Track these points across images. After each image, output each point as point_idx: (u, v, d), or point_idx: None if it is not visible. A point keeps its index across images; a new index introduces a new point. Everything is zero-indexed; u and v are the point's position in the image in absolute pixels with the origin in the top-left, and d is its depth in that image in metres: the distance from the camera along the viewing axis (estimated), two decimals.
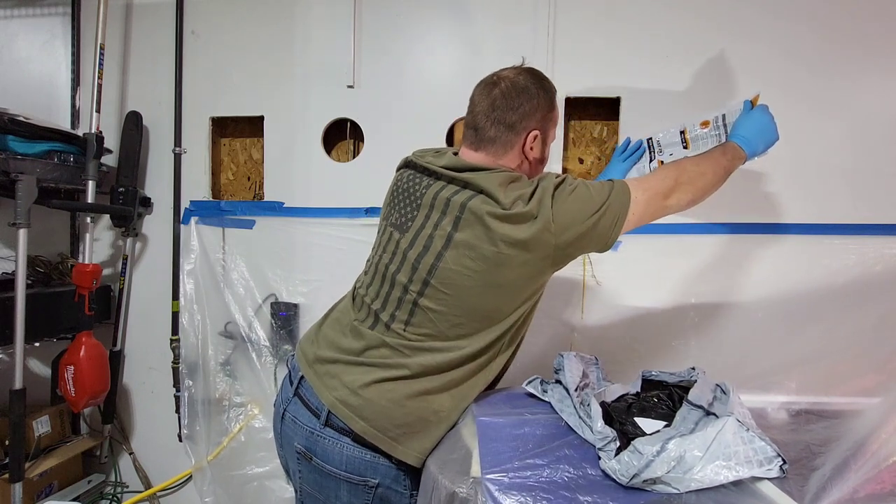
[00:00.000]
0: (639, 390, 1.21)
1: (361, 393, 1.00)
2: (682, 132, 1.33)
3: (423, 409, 1.01)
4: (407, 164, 1.13)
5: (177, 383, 1.78)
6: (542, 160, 1.11)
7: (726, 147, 1.14)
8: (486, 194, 0.95)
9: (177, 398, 1.79)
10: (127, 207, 1.73)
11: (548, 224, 0.94)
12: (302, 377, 1.08)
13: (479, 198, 0.96)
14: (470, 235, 0.96)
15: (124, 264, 1.82)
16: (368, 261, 1.15)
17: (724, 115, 1.27)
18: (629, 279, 1.54)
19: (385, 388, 1.00)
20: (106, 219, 1.85)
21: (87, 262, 1.69)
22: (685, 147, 1.33)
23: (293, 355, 1.16)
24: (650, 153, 1.39)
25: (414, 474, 1.02)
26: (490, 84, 1.06)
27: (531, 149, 1.05)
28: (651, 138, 1.38)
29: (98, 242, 1.86)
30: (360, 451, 0.99)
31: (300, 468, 1.06)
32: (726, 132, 1.26)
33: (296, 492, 1.10)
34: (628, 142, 1.42)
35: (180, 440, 1.78)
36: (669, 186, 1.04)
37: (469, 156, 1.05)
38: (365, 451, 0.99)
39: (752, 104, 1.22)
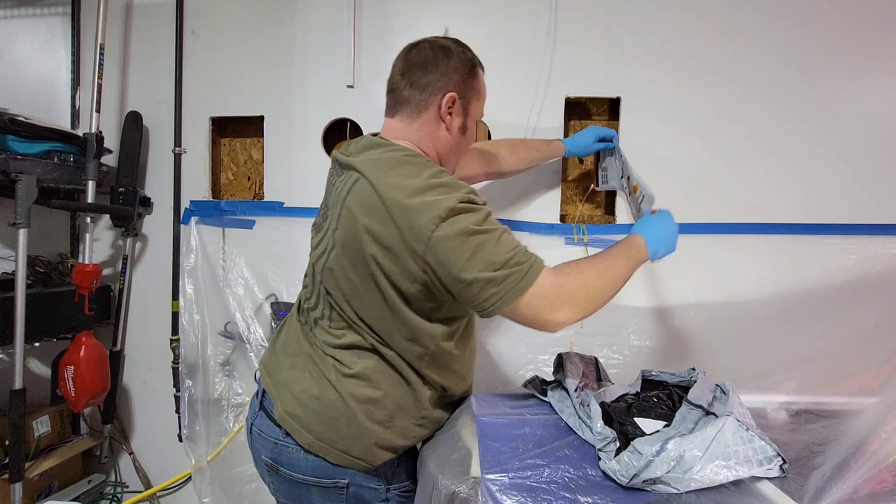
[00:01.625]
0: (639, 390, 1.21)
1: (309, 403, 0.99)
2: (628, 178, 1.40)
3: (364, 414, 0.98)
4: (333, 160, 1.09)
5: (177, 383, 1.78)
6: (464, 131, 1.04)
7: (631, 251, 1.03)
8: (365, 178, 0.91)
9: (177, 398, 1.79)
10: (127, 207, 1.73)
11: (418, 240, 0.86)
12: (264, 390, 1.07)
13: (358, 184, 0.92)
14: (345, 230, 0.93)
15: (124, 264, 1.82)
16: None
17: (643, 196, 1.31)
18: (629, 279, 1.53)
19: (327, 394, 0.99)
20: (106, 219, 1.85)
21: (87, 262, 1.69)
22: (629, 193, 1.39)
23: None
24: (621, 168, 1.43)
25: (388, 465, 1.02)
26: (409, 46, 1.02)
27: (449, 114, 1.00)
28: (623, 158, 1.42)
29: (98, 242, 1.86)
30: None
31: (271, 480, 1.06)
32: (638, 212, 1.32)
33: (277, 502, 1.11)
34: (613, 137, 1.43)
35: (180, 440, 1.78)
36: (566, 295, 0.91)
37: (385, 125, 1.03)
38: None
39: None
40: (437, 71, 0.98)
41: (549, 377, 1.26)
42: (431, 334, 0.97)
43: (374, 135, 1.05)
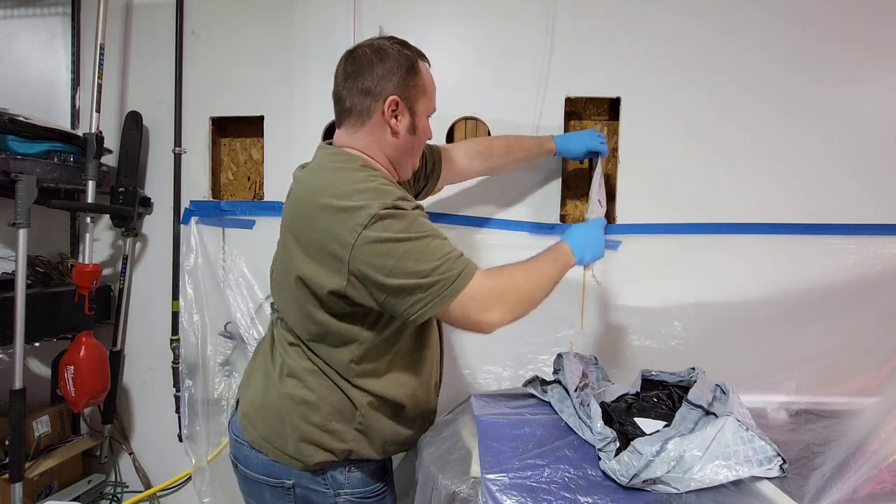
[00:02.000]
0: (639, 390, 1.21)
1: (255, 402, 1.04)
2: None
3: (299, 416, 1.00)
4: None
5: (177, 383, 1.78)
6: (414, 130, 1.01)
7: (558, 255, 1.07)
8: (299, 187, 0.99)
9: (177, 398, 1.79)
10: (127, 207, 1.73)
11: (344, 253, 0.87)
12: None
13: (292, 193, 1.01)
14: (281, 238, 1.03)
15: (124, 264, 1.82)
16: None
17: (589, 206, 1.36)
18: (629, 279, 1.54)
19: (269, 394, 1.02)
20: (106, 219, 1.85)
21: (87, 262, 1.69)
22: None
23: None
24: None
25: (335, 469, 1.02)
26: (346, 54, 1.00)
27: (394, 117, 0.98)
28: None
29: (98, 242, 1.86)
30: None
31: (236, 476, 1.10)
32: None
33: None
34: (601, 154, 1.43)
35: (180, 440, 1.78)
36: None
37: (335, 136, 1.04)
38: None
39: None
40: (374, 76, 0.96)
41: (549, 377, 1.26)
42: (359, 341, 0.97)
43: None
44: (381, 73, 0.96)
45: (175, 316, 1.78)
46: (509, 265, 0.98)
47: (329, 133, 1.70)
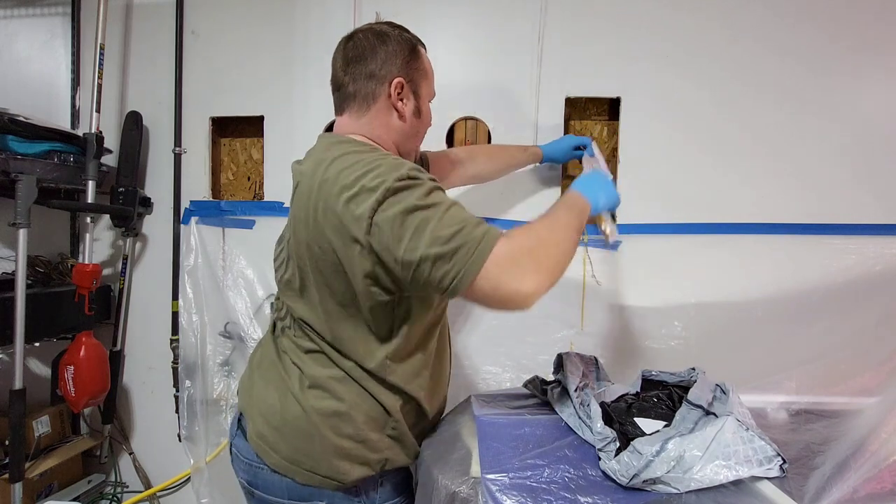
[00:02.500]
0: (639, 390, 1.21)
1: (273, 421, 0.95)
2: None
3: (331, 429, 0.92)
4: None
5: (176, 383, 1.78)
6: (419, 114, 0.99)
7: (570, 202, 0.96)
8: (307, 181, 0.90)
9: (176, 398, 1.79)
10: (127, 207, 1.73)
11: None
12: (241, 411, 1.04)
13: (300, 187, 0.93)
14: (295, 238, 0.94)
15: (124, 264, 1.82)
16: None
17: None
18: (629, 279, 1.54)
19: (290, 410, 0.94)
20: (106, 219, 1.85)
21: (87, 262, 1.69)
22: None
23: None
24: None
25: (368, 482, 0.96)
26: (345, 40, 0.98)
27: (400, 100, 0.95)
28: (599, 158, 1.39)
29: (98, 242, 1.86)
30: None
31: (248, 501, 1.02)
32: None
33: None
34: (587, 145, 1.41)
35: (180, 440, 1.78)
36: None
37: (336, 124, 0.99)
38: None
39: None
40: (378, 59, 0.94)
41: (549, 377, 1.26)
42: (393, 337, 0.92)
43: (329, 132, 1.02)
44: (384, 56, 0.94)
45: (175, 316, 1.78)
46: (527, 224, 0.86)
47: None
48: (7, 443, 1.48)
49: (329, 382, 0.93)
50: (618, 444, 0.90)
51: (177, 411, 1.79)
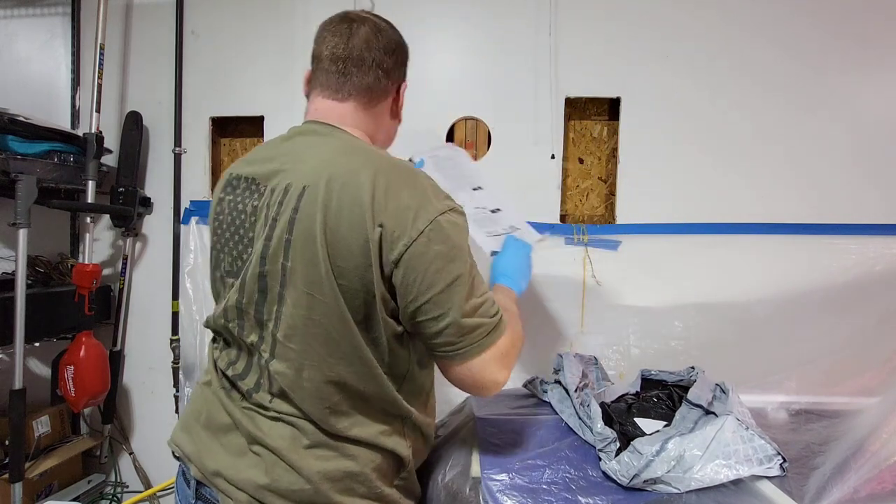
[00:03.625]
0: (639, 390, 1.21)
1: (261, 498, 0.78)
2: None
3: (343, 493, 0.78)
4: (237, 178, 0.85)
5: (176, 383, 1.78)
6: (399, 120, 0.99)
7: (508, 295, 0.96)
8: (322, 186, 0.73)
9: (176, 398, 1.79)
10: (127, 207, 1.73)
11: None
12: (198, 481, 0.82)
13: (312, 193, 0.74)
14: (305, 258, 0.75)
15: (124, 264, 1.82)
16: None
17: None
18: (629, 279, 1.54)
19: (283, 480, 0.77)
20: (106, 219, 1.85)
21: (87, 262, 1.68)
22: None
23: None
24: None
25: None
26: (351, 21, 0.87)
27: (399, 105, 0.93)
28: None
29: (98, 242, 1.86)
30: None
31: None
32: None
33: None
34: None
35: None
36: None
37: (327, 108, 0.85)
38: None
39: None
40: (401, 57, 0.90)
41: (549, 377, 1.26)
42: (408, 370, 0.80)
43: (313, 123, 0.86)
44: (400, 58, 0.91)
45: (175, 316, 1.78)
46: (510, 321, 0.83)
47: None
48: (7, 443, 1.47)
49: (334, 438, 0.77)
50: (618, 445, 0.90)
51: (177, 411, 1.79)
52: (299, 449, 0.75)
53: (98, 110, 1.68)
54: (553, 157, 1.56)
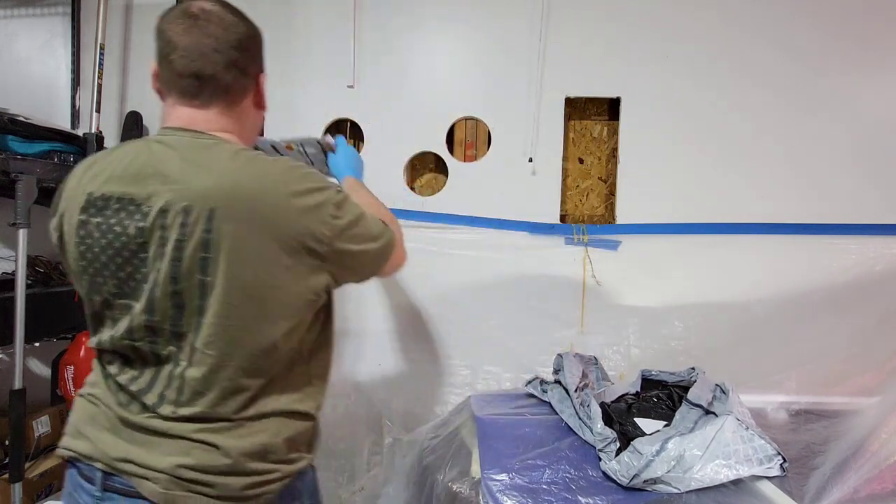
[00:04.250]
0: (639, 390, 1.21)
1: (193, 477, 0.78)
2: (277, 149, 1.31)
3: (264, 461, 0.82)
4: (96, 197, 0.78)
5: None
6: (265, 108, 0.94)
7: (359, 183, 1.15)
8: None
9: None
10: None
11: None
12: (104, 471, 0.80)
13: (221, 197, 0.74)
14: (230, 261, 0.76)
15: None
16: None
17: (301, 144, 1.30)
18: (629, 279, 1.54)
19: (211, 460, 0.78)
20: None
21: None
22: None
23: None
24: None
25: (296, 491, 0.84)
26: (195, 18, 0.81)
27: (263, 96, 0.89)
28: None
29: None
30: None
31: None
32: (308, 159, 1.29)
33: None
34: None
35: None
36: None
37: (189, 117, 0.82)
38: None
39: (324, 144, 1.27)
40: (254, 48, 0.85)
41: (549, 377, 1.26)
42: (316, 339, 0.87)
43: (185, 131, 0.82)
44: (254, 51, 0.86)
45: None
46: (380, 215, 0.93)
47: (329, 133, 1.70)
48: (7, 443, 1.47)
49: (253, 414, 0.80)
50: (618, 445, 0.90)
51: None
52: (212, 434, 0.77)
53: (98, 110, 1.68)
54: (531, 160, 1.56)
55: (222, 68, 0.81)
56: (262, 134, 1.16)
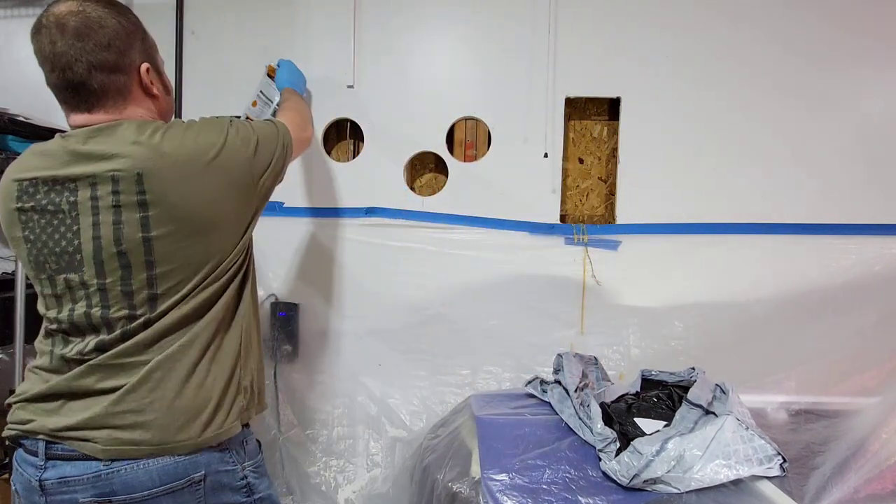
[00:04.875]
0: (638, 390, 1.21)
1: (156, 410, 0.87)
2: (247, 117, 1.51)
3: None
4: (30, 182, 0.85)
5: None
6: (168, 90, 0.99)
7: (293, 94, 1.38)
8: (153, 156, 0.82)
9: None
10: None
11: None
12: (47, 440, 0.88)
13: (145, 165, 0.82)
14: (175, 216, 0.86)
15: None
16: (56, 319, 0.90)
17: (261, 92, 1.51)
18: (629, 279, 1.54)
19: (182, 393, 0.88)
20: None
21: None
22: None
23: None
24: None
25: (238, 444, 0.93)
26: (54, 27, 0.81)
27: (151, 83, 0.91)
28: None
29: None
30: (170, 457, 0.86)
31: None
32: (268, 102, 1.50)
33: None
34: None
35: None
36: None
37: (84, 122, 0.86)
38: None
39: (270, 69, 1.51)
40: (116, 47, 0.85)
41: (549, 377, 1.26)
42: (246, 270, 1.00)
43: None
44: (122, 46, 0.87)
45: None
46: (288, 112, 1.20)
47: (329, 133, 1.70)
48: (7, 443, 1.47)
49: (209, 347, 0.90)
50: (618, 445, 0.90)
51: None
52: (156, 390, 0.84)
53: None
54: (546, 155, 1.56)
55: (89, 74, 0.83)
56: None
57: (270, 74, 1.49)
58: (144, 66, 0.90)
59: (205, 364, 0.89)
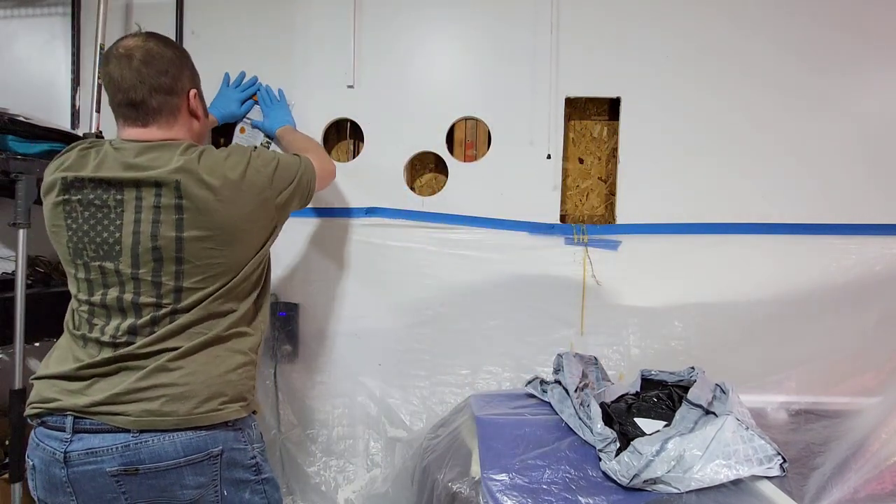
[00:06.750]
0: (639, 390, 1.21)
1: (186, 383, 0.98)
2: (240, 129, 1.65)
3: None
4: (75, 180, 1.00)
5: None
6: (207, 114, 1.19)
7: (293, 132, 1.54)
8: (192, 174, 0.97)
9: None
10: None
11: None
12: (76, 415, 0.96)
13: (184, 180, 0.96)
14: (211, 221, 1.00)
15: None
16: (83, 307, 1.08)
17: (251, 121, 1.64)
18: (629, 279, 1.54)
19: (216, 369, 1.01)
20: None
21: None
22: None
23: None
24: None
25: (249, 426, 1.03)
26: (123, 57, 1.02)
27: (196, 107, 1.09)
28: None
29: None
30: (193, 432, 0.95)
31: (124, 489, 0.96)
32: (256, 128, 1.63)
33: None
34: (243, 76, 1.65)
35: None
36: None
37: (138, 135, 1.03)
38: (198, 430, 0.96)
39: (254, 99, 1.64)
40: (171, 73, 1.04)
41: (549, 377, 1.26)
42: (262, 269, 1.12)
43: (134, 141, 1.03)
44: (176, 73, 1.05)
45: None
46: (306, 154, 1.24)
47: (329, 133, 1.70)
48: (7, 443, 1.48)
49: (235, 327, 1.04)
50: (618, 445, 0.90)
51: None
52: (183, 369, 0.95)
53: (98, 110, 1.67)
54: (549, 157, 1.56)
55: (149, 95, 1.01)
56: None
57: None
58: (192, 91, 1.08)
59: (226, 353, 1.00)
